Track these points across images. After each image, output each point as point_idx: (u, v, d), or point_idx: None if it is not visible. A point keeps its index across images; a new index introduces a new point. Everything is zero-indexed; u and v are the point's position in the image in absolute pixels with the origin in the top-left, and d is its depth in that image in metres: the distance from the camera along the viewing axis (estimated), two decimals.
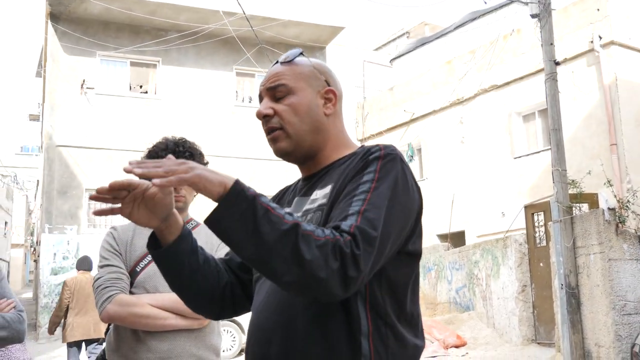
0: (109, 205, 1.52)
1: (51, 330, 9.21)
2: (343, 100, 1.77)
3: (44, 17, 17.96)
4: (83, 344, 8.86)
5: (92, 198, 1.50)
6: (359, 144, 1.74)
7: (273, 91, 1.67)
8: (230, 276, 1.76)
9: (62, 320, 8.97)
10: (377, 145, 1.58)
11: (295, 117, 1.64)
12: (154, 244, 1.64)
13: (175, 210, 1.61)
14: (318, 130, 1.67)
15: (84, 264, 9.52)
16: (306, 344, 1.47)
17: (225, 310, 1.78)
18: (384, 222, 1.41)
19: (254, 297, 1.68)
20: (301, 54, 1.74)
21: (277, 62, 1.73)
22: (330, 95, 1.70)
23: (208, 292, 1.71)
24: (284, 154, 1.68)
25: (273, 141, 1.67)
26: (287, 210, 1.51)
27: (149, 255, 2.58)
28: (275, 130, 1.66)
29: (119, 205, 1.53)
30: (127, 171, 1.44)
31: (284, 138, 1.65)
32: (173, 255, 1.62)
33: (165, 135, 2.80)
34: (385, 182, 1.46)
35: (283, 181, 1.78)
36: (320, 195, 1.59)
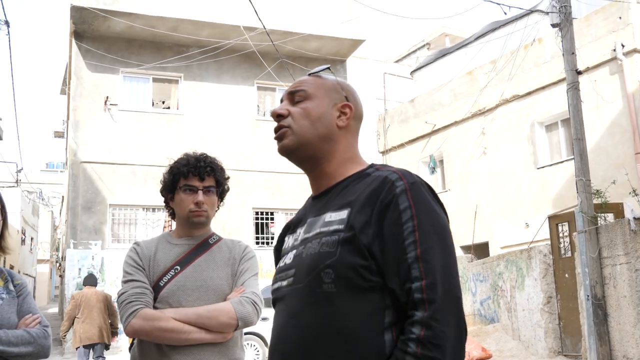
0: None
1: (62, 337, 10.79)
2: (362, 120, 1.79)
3: (68, 35, 18.23)
4: (90, 349, 10.23)
5: None
6: (369, 161, 1.76)
7: (292, 95, 1.73)
8: None
9: (71, 328, 10.26)
10: (394, 173, 1.58)
11: (306, 120, 1.69)
12: None
13: None
14: (326, 138, 1.69)
15: (90, 280, 10.85)
16: None
17: None
18: (444, 269, 1.48)
19: (274, 319, 1.69)
20: (328, 68, 1.81)
21: (308, 74, 1.80)
22: (347, 109, 1.73)
23: None
24: (287, 151, 1.71)
25: (279, 139, 1.72)
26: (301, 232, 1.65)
27: (172, 270, 2.60)
28: (282, 128, 1.71)
29: None
30: None
31: (289, 135, 1.69)
32: None
33: (187, 151, 2.83)
34: (425, 217, 1.51)
35: (305, 194, 1.79)
36: (335, 218, 1.59)
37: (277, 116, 1.71)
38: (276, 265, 1.79)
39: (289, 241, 1.76)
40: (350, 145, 1.74)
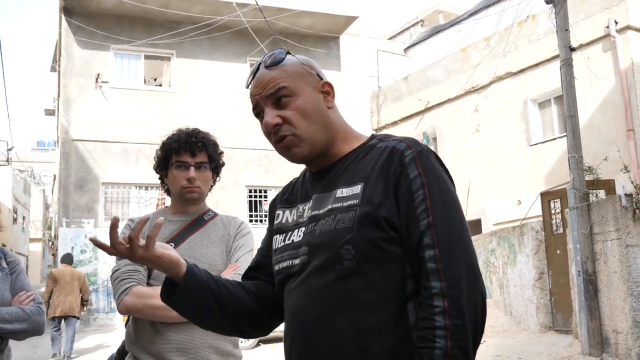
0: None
1: None
2: (350, 90, 1.76)
3: (58, 11, 18.05)
4: (62, 320, 11.69)
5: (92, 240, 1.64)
6: (363, 133, 1.73)
7: (274, 97, 1.62)
8: (266, 289, 1.77)
9: (48, 301, 11.40)
10: (401, 142, 1.57)
11: (305, 120, 1.61)
12: (168, 294, 1.67)
13: (166, 253, 1.62)
14: (326, 126, 1.64)
15: (66, 259, 12.27)
16: (358, 341, 1.48)
17: (267, 323, 1.79)
18: (459, 236, 1.48)
19: (285, 300, 1.66)
20: (288, 52, 1.68)
21: (259, 64, 1.67)
22: (327, 88, 1.67)
23: (242, 311, 1.72)
24: (301, 159, 1.65)
25: (287, 149, 1.63)
26: (307, 207, 1.63)
27: None
28: (287, 137, 1.61)
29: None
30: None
31: (298, 143, 1.61)
32: (191, 290, 1.64)
33: (179, 127, 2.81)
34: (435, 185, 1.51)
35: (298, 172, 1.79)
36: (348, 193, 1.56)
37: (274, 126, 1.61)
38: (273, 242, 1.74)
39: (288, 216, 1.72)
40: (343, 120, 1.71)
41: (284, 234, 1.69)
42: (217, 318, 1.69)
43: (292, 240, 1.64)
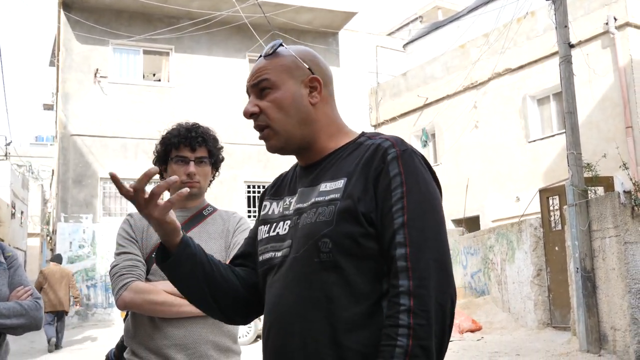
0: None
1: None
2: (333, 81, 1.73)
3: (57, 6, 18.01)
4: (54, 315, 12.40)
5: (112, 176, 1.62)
6: (360, 129, 1.72)
7: (257, 87, 1.67)
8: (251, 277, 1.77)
9: None
10: (387, 141, 1.58)
11: (280, 113, 1.63)
12: (162, 257, 1.66)
13: (173, 219, 1.63)
14: (306, 121, 1.65)
15: (56, 258, 13.50)
16: (331, 334, 1.48)
17: (252, 311, 1.79)
18: (433, 237, 1.48)
19: (266, 292, 1.66)
20: (281, 44, 1.71)
21: (260, 56, 1.72)
22: (315, 83, 1.66)
23: (230, 294, 1.72)
24: (276, 151, 1.68)
25: (264, 140, 1.68)
26: (292, 200, 1.64)
27: None
28: (263, 129, 1.66)
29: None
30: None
31: (272, 135, 1.65)
32: (184, 259, 1.64)
33: (179, 122, 2.81)
34: (414, 184, 1.51)
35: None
36: (330, 187, 1.57)
37: (250, 115, 1.66)
38: (258, 233, 1.74)
39: (275, 208, 1.73)
40: (331, 116, 1.70)
41: (269, 225, 1.70)
42: (205, 294, 1.69)
43: (277, 232, 1.66)
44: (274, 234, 1.67)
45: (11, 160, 34.43)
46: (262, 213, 1.78)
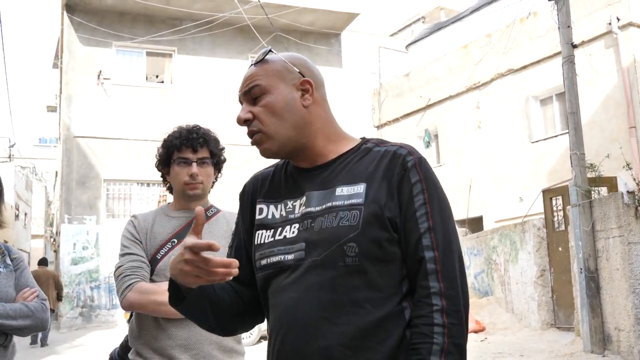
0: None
1: None
2: (324, 83, 1.73)
3: (60, 8, 18.05)
4: None
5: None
6: (358, 132, 1.75)
7: (249, 94, 1.66)
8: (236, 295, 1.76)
9: None
10: (402, 148, 1.63)
11: (273, 117, 1.63)
12: (177, 300, 1.64)
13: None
14: (299, 124, 1.64)
15: (42, 262, 14.45)
16: (356, 338, 1.50)
17: (251, 321, 1.80)
18: (454, 243, 1.58)
19: (270, 296, 1.64)
20: (270, 51, 1.71)
21: (251, 65, 1.72)
22: (307, 85, 1.66)
23: (232, 311, 1.73)
24: (271, 155, 1.67)
25: (256, 144, 1.67)
26: (298, 204, 1.63)
27: (169, 243, 2.60)
28: (255, 134, 1.65)
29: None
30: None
31: (265, 140, 1.64)
32: (197, 298, 1.63)
33: (180, 124, 2.81)
34: (434, 191, 1.59)
35: None
36: (349, 192, 1.58)
37: (244, 121, 1.66)
38: (256, 237, 1.69)
39: (274, 212, 1.69)
40: (325, 118, 1.70)
41: (272, 230, 1.66)
42: (209, 320, 1.70)
43: (285, 236, 1.62)
44: (280, 237, 1.63)
45: (15, 162, 34.49)
46: (258, 217, 1.72)
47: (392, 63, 24.46)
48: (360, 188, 1.57)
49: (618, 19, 14.01)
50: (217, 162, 2.77)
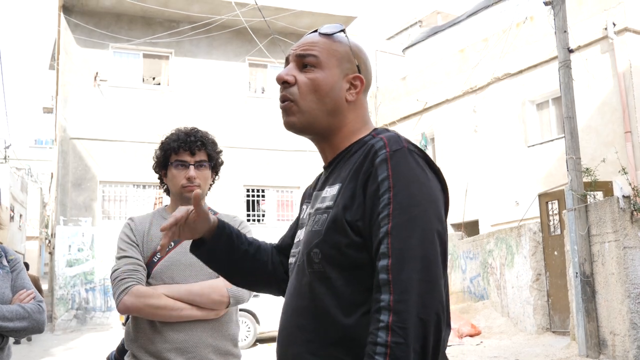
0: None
1: None
2: (370, 86, 1.69)
3: (57, 9, 18.03)
4: None
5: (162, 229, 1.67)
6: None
7: (301, 59, 1.59)
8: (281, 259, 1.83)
9: None
10: (380, 140, 1.49)
11: (314, 95, 1.56)
12: (195, 246, 1.78)
13: (211, 217, 1.72)
14: (334, 112, 1.58)
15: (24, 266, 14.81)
16: (323, 347, 1.45)
17: (275, 289, 1.84)
18: (418, 246, 1.36)
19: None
20: (342, 30, 1.63)
21: (315, 30, 1.64)
22: (357, 82, 1.60)
23: (260, 274, 1.79)
24: (293, 129, 1.61)
25: (285, 112, 1.60)
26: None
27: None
28: (288, 101, 1.59)
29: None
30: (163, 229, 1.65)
31: (296, 112, 1.58)
32: (213, 250, 1.75)
33: (178, 127, 2.82)
34: (403, 188, 1.40)
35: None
36: (329, 194, 1.53)
37: (283, 82, 1.59)
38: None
39: (304, 213, 1.70)
40: (359, 116, 1.63)
41: (300, 230, 1.68)
42: (229, 270, 1.81)
43: (299, 238, 1.64)
44: (297, 240, 1.66)
45: (10, 163, 34.43)
46: (299, 217, 1.77)
47: (389, 66, 24.49)
48: (336, 189, 1.52)
49: (614, 24, 14.05)
50: (214, 165, 2.78)
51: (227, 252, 1.74)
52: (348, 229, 1.43)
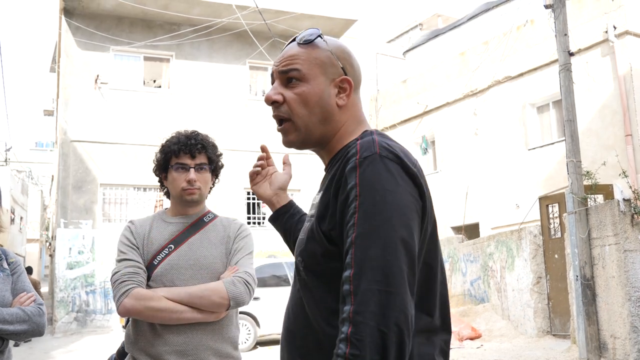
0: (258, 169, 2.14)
1: None
2: (361, 84, 1.67)
3: (58, 12, 18.05)
4: None
5: (262, 149, 2.16)
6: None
7: (285, 75, 1.58)
8: None
9: None
10: (355, 146, 1.45)
11: (304, 109, 1.55)
12: (274, 217, 2.02)
13: (286, 193, 2.04)
14: (327, 120, 1.57)
15: (27, 270, 13.88)
16: (310, 353, 1.47)
17: None
18: (380, 256, 1.32)
19: None
20: (319, 36, 1.60)
21: (293, 39, 1.63)
22: (345, 85, 1.58)
23: None
24: (294, 146, 1.62)
25: (283, 133, 1.61)
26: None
27: (166, 249, 2.60)
28: (283, 121, 1.59)
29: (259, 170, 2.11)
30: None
31: (293, 131, 1.59)
32: (284, 219, 1.98)
33: (178, 130, 2.82)
34: (368, 197, 1.36)
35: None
36: (316, 201, 1.54)
37: (272, 102, 1.59)
38: None
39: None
40: (352, 117, 1.62)
41: None
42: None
43: None
44: None
45: (11, 165, 34.45)
46: None
47: (390, 69, 24.50)
48: (318, 197, 1.52)
49: (615, 28, 14.06)
50: (214, 168, 2.78)
51: (296, 222, 1.95)
52: (323, 238, 1.43)
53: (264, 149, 2.08)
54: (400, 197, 1.36)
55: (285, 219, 1.97)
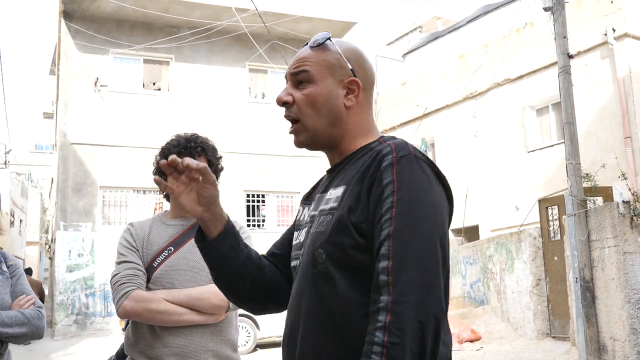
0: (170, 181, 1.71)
1: None
2: (374, 85, 1.71)
3: (58, 15, 18.06)
4: None
5: (160, 164, 1.69)
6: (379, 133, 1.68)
7: (295, 77, 1.64)
8: (277, 271, 1.77)
9: None
10: (389, 146, 1.51)
11: (312, 109, 1.60)
12: (201, 237, 1.69)
13: (220, 207, 1.68)
14: (335, 121, 1.61)
15: (27, 272, 13.96)
16: (326, 347, 1.47)
17: (268, 303, 1.78)
18: (418, 250, 1.38)
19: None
20: (329, 39, 1.66)
21: (306, 44, 1.68)
22: (354, 86, 1.62)
23: (251, 284, 1.71)
24: (303, 147, 1.66)
25: (294, 134, 1.66)
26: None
27: (166, 251, 2.60)
28: (293, 122, 1.64)
29: (174, 183, 1.69)
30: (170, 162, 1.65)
31: (302, 132, 1.63)
32: (217, 248, 1.66)
33: (178, 133, 2.82)
34: (407, 193, 1.42)
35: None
36: (333, 195, 1.56)
37: (283, 103, 1.64)
38: (293, 239, 1.74)
39: (305, 214, 1.71)
40: (361, 121, 1.66)
41: (297, 232, 1.70)
42: (233, 276, 1.69)
43: (299, 240, 1.66)
44: (297, 241, 1.67)
45: (11, 168, 34.44)
46: (297, 217, 1.77)
47: (389, 72, 24.51)
48: (340, 191, 1.54)
49: (614, 30, 14.07)
50: (214, 170, 2.78)
51: (233, 250, 1.67)
52: (352, 230, 1.46)
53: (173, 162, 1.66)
54: (434, 197, 1.45)
55: (233, 244, 1.69)
